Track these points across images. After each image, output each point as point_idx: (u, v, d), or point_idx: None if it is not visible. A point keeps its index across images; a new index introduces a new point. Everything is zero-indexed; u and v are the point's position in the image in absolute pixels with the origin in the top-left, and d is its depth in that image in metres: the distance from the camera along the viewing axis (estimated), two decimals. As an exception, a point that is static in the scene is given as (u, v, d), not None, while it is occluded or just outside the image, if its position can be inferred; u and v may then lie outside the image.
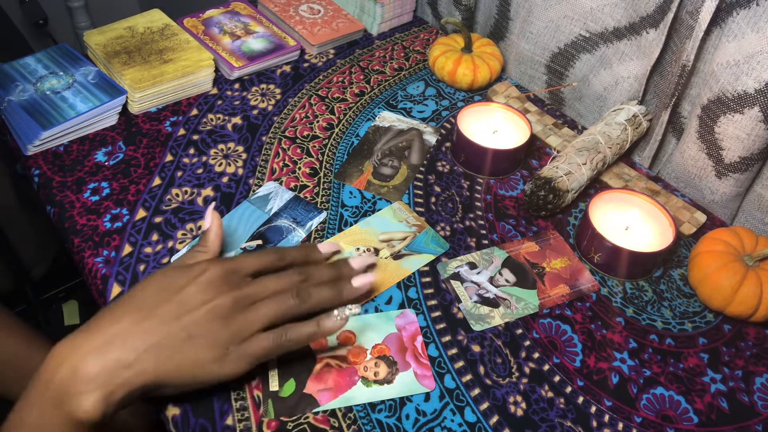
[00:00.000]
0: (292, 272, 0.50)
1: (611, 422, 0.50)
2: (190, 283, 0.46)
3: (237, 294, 0.46)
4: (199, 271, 0.46)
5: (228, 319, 0.45)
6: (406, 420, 0.48)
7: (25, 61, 0.73)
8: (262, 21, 0.85)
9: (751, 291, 0.55)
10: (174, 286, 0.45)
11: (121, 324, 0.43)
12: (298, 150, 0.70)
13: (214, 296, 0.45)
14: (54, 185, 0.63)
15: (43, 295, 1.21)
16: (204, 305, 0.45)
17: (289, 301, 0.47)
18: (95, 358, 0.41)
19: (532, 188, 0.63)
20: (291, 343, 0.46)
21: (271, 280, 0.48)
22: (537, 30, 0.78)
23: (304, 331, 0.47)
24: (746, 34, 0.57)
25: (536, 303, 0.57)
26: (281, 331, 0.46)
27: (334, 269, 0.52)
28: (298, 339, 0.46)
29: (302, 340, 0.47)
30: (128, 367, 0.41)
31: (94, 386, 0.40)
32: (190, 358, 0.43)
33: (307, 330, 0.47)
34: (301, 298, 0.48)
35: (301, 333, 0.47)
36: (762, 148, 0.61)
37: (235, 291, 0.46)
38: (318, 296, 0.49)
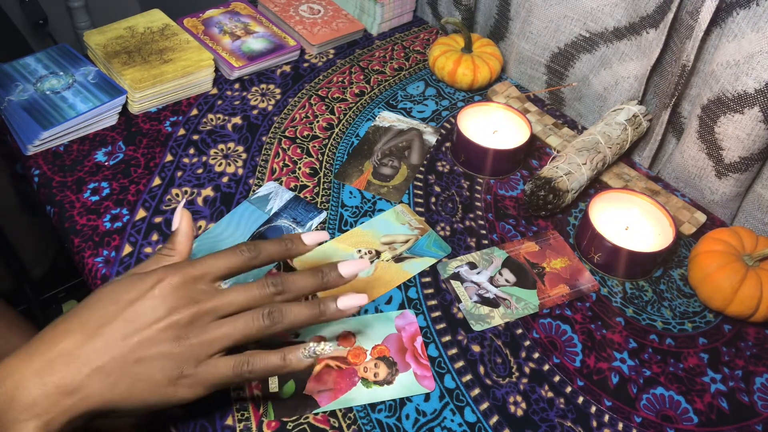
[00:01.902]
0: (264, 282, 0.43)
1: (611, 422, 0.50)
2: (142, 295, 0.40)
3: (196, 309, 0.40)
4: (153, 281, 0.41)
5: (183, 338, 0.40)
6: (406, 420, 0.48)
7: (25, 61, 0.73)
8: (262, 21, 0.85)
9: (751, 291, 0.55)
10: (124, 299, 0.40)
11: (64, 344, 0.38)
12: (298, 150, 0.70)
13: (169, 312, 0.40)
14: (54, 185, 0.63)
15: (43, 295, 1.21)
16: (157, 322, 0.40)
17: (258, 321, 0.41)
18: (33, 382, 0.37)
19: (532, 188, 0.63)
20: (252, 375, 0.41)
21: (239, 292, 0.42)
22: (537, 30, 0.78)
23: (269, 363, 0.42)
24: (746, 34, 0.57)
25: (536, 303, 0.57)
26: (243, 359, 0.41)
27: (318, 277, 0.45)
28: (260, 371, 0.41)
29: (265, 374, 0.42)
30: (70, 394, 0.37)
31: (31, 414, 0.37)
32: (140, 381, 0.39)
33: (272, 362, 0.42)
34: (272, 319, 0.42)
35: (266, 364, 0.41)
36: (762, 148, 0.61)
37: (193, 306, 0.40)
38: (293, 317, 0.43)
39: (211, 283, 0.42)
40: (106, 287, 0.41)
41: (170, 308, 0.40)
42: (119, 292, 0.41)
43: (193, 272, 0.42)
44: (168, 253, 0.44)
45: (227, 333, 0.41)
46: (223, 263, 0.43)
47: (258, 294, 0.43)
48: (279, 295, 0.43)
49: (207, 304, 0.41)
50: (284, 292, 0.43)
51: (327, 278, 0.45)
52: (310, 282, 0.45)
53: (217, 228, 0.60)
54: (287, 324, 0.42)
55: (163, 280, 0.41)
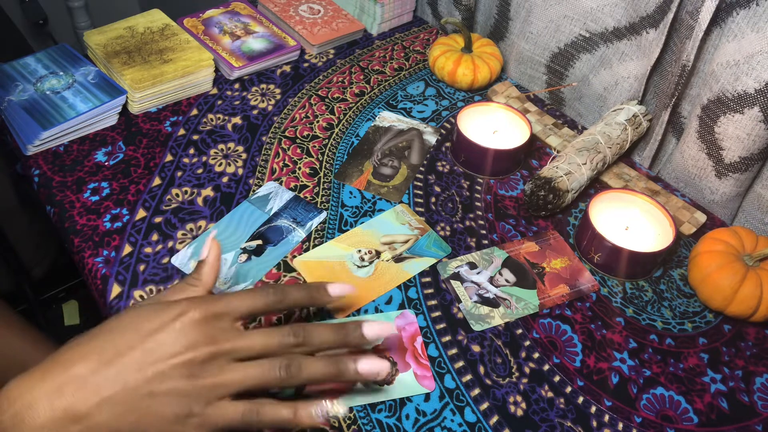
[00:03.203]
0: (287, 330, 0.42)
1: (611, 422, 0.50)
2: (163, 327, 0.40)
3: (214, 349, 0.40)
4: (176, 313, 0.40)
5: (198, 376, 0.39)
6: (406, 420, 0.48)
7: (25, 61, 0.73)
8: (262, 21, 0.85)
9: (751, 291, 0.55)
10: (145, 329, 0.40)
11: (78, 368, 0.38)
12: (298, 150, 0.70)
13: (187, 348, 0.39)
14: (54, 185, 0.63)
15: (43, 295, 1.21)
16: (173, 357, 0.39)
17: (274, 372, 0.41)
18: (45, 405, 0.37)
19: (532, 188, 0.63)
20: (261, 424, 0.41)
21: (259, 337, 0.42)
22: (537, 30, 0.78)
23: (278, 416, 0.41)
24: (746, 34, 0.57)
25: (536, 303, 0.57)
26: (253, 408, 0.40)
27: (341, 334, 0.44)
28: (269, 423, 0.41)
29: (273, 425, 0.41)
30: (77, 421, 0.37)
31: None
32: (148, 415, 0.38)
33: (282, 415, 0.41)
34: (289, 372, 0.41)
35: (275, 416, 0.41)
36: (762, 148, 0.61)
37: (212, 344, 0.40)
38: (311, 373, 0.42)
39: (232, 323, 0.42)
40: (129, 312, 0.41)
41: (188, 344, 0.39)
42: (141, 321, 0.40)
43: (216, 309, 0.41)
44: (193, 283, 0.44)
45: (241, 378, 0.40)
46: (247, 304, 0.42)
47: (278, 342, 0.42)
48: (298, 347, 0.42)
49: (226, 344, 0.40)
50: (304, 344, 0.43)
51: (349, 337, 0.44)
52: (332, 338, 0.44)
53: (217, 228, 0.60)
54: (303, 379, 0.42)
55: (186, 314, 0.40)
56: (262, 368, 0.41)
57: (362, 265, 0.59)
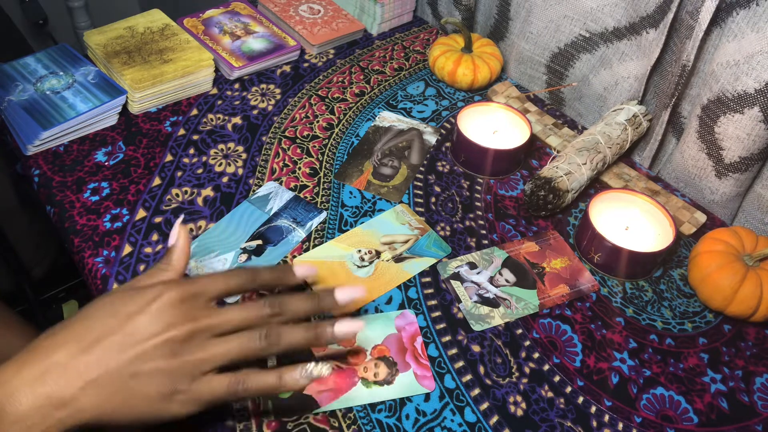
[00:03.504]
0: (262, 303, 0.43)
1: (611, 422, 0.50)
2: (141, 310, 0.40)
3: (193, 326, 0.40)
4: (152, 296, 0.40)
5: (180, 354, 0.40)
6: (406, 420, 0.48)
7: (25, 61, 0.73)
8: (262, 21, 0.85)
9: (751, 291, 0.55)
10: (122, 312, 0.40)
11: (58, 355, 0.38)
12: (298, 150, 0.70)
13: (166, 327, 0.40)
14: (54, 185, 0.63)
15: (43, 295, 1.21)
16: (154, 337, 0.39)
17: (254, 342, 0.41)
18: (25, 394, 0.37)
19: (532, 188, 0.63)
20: (247, 393, 0.41)
21: (236, 311, 0.42)
22: (537, 30, 0.78)
23: (264, 383, 0.41)
24: (746, 34, 0.57)
25: (536, 303, 0.57)
26: (238, 378, 0.41)
27: (313, 301, 0.45)
28: (255, 390, 0.41)
29: (259, 393, 0.42)
30: (62, 406, 0.37)
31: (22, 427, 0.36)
32: (134, 396, 0.39)
33: (268, 381, 0.42)
34: (269, 341, 0.42)
35: (261, 384, 0.41)
36: (762, 148, 0.61)
37: (191, 322, 0.40)
38: (290, 339, 0.42)
39: (208, 302, 0.42)
40: (104, 299, 0.41)
41: (167, 324, 0.40)
42: (117, 306, 0.40)
43: (191, 289, 0.42)
44: (164, 268, 0.44)
45: (223, 352, 0.41)
46: (220, 284, 0.43)
47: (255, 314, 0.42)
48: (275, 317, 0.43)
49: (204, 321, 0.41)
50: (281, 313, 0.43)
51: (323, 303, 0.45)
52: (306, 305, 0.45)
53: (217, 228, 0.60)
54: (283, 346, 0.42)
55: (162, 296, 0.40)
56: (241, 340, 0.41)
57: (362, 265, 0.59)
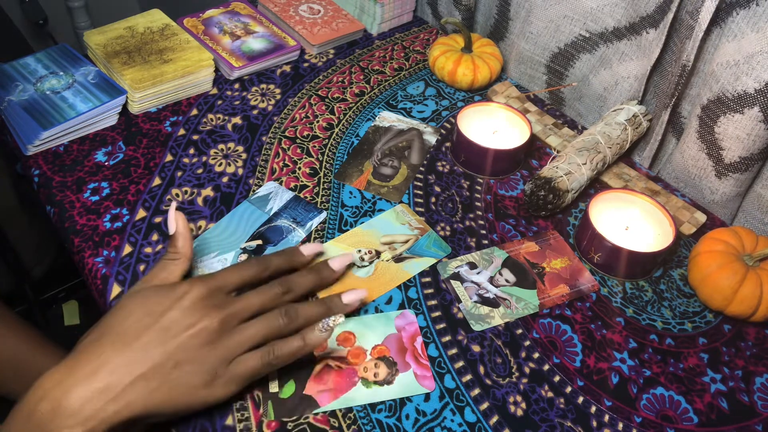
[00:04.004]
0: (273, 284, 0.48)
1: (611, 422, 0.50)
2: (172, 306, 0.44)
3: (222, 315, 0.45)
4: (181, 292, 0.45)
5: (215, 342, 0.44)
6: (406, 420, 0.48)
7: (25, 61, 0.73)
8: (262, 21, 0.85)
9: (751, 291, 0.55)
10: (156, 310, 0.44)
11: (105, 354, 0.41)
12: (298, 150, 0.70)
13: (199, 319, 0.44)
14: (54, 185, 0.63)
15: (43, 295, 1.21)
16: (189, 329, 0.43)
17: (278, 320, 0.46)
18: (78, 391, 0.39)
19: (532, 188, 0.63)
20: (279, 360, 0.45)
21: (254, 296, 0.47)
22: (537, 30, 0.78)
23: (291, 347, 0.46)
24: (746, 34, 0.57)
25: (536, 303, 0.57)
26: (268, 349, 0.45)
27: (315, 275, 0.52)
28: (285, 355, 0.46)
29: (290, 356, 0.46)
30: (114, 400, 0.40)
31: (76, 421, 0.39)
32: (179, 386, 0.42)
33: (294, 345, 0.46)
34: (289, 317, 0.47)
35: (289, 349, 0.46)
36: (762, 148, 0.61)
37: (220, 312, 0.45)
38: (306, 314, 0.48)
39: (229, 293, 0.47)
40: (135, 299, 0.45)
41: (199, 316, 0.44)
42: (150, 304, 0.44)
43: (214, 284, 0.46)
44: (173, 257, 0.48)
45: (252, 333, 0.45)
46: (237, 276, 0.48)
47: (269, 295, 0.48)
48: (286, 294, 0.49)
49: (230, 309, 0.45)
50: (290, 290, 0.49)
51: (322, 274, 0.53)
52: (309, 279, 0.51)
53: (217, 228, 0.60)
54: (302, 320, 0.47)
55: (190, 292, 0.45)
56: (266, 320, 0.46)
57: (362, 264, 0.59)
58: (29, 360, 0.71)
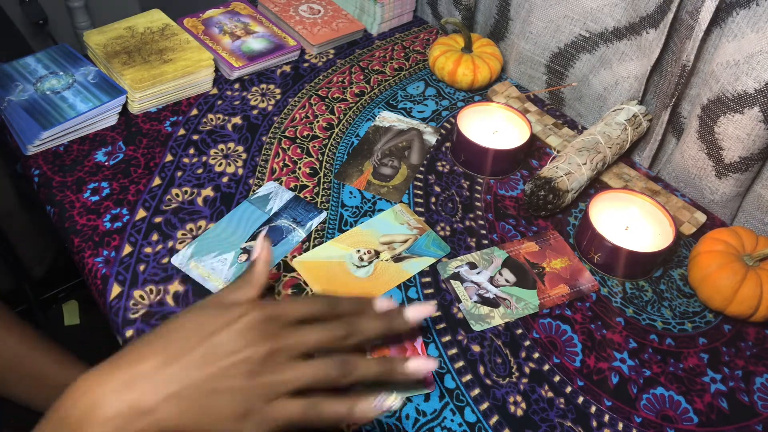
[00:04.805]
0: (337, 324, 0.44)
1: (611, 422, 0.50)
2: (224, 327, 0.41)
3: (273, 346, 0.41)
4: (237, 314, 0.42)
5: (258, 374, 0.41)
6: (406, 420, 0.48)
7: (25, 61, 0.73)
8: (262, 21, 0.85)
9: (751, 291, 0.55)
10: (207, 329, 0.41)
11: (145, 365, 0.40)
12: (298, 150, 0.70)
13: (247, 346, 0.41)
14: (54, 185, 0.63)
15: (43, 295, 1.21)
16: (234, 355, 0.41)
17: (330, 371, 0.42)
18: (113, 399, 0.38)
19: (532, 188, 0.63)
20: (320, 420, 0.42)
21: (312, 332, 0.43)
22: (537, 30, 0.78)
23: (337, 411, 0.42)
24: (746, 34, 0.57)
25: (536, 303, 0.57)
26: (313, 404, 0.42)
27: (385, 321, 0.46)
28: (328, 417, 0.42)
29: (332, 420, 0.42)
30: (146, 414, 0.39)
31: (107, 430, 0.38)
32: (209, 412, 0.40)
33: (340, 410, 0.42)
34: (344, 371, 0.43)
35: (333, 412, 0.42)
36: (762, 148, 0.61)
37: (271, 342, 0.42)
38: (364, 371, 0.44)
39: (287, 324, 0.43)
40: (188, 314, 0.43)
41: (248, 342, 0.41)
42: (203, 322, 0.42)
43: (275, 312, 0.43)
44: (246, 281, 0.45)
45: (299, 375, 0.42)
46: (302, 309, 0.44)
47: (329, 335, 0.44)
48: (349, 338, 0.44)
49: (282, 341, 0.42)
50: (353, 335, 0.45)
51: (393, 323, 0.47)
52: (378, 326, 0.46)
53: (217, 228, 0.60)
54: (357, 377, 0.43)
55: (246, 316, 0.42)
56: (318, 365, 0.42)
57: (361, 265, 0.59)
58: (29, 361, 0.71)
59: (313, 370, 0.42)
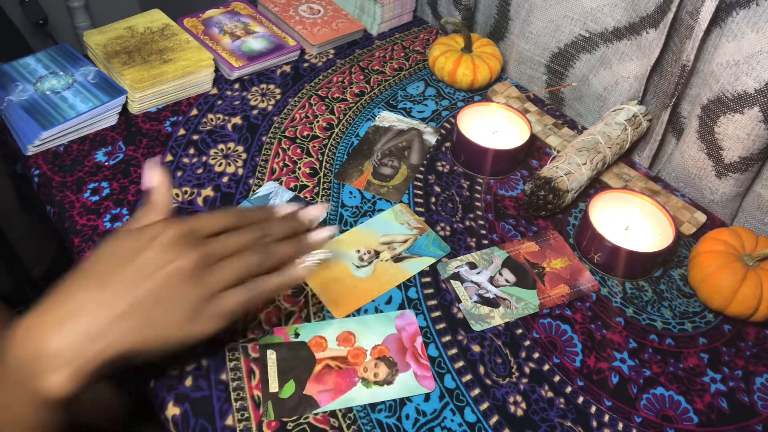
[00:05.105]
0: (249, 229, 0.47)
1: (611, 422, 0.50)
2: (147, 246, 0.42)
3: (198, 253, 0.43)
4: (155, 232, 0.43)
5: (194, 278, 0.42)
6: (406, 420, 0.48)
7: (25, 61, 0.73)
8: (262, 21, 0.85)
9: (751, 291, 0.55)
10: (130, 250, 0.42)
11: (81, 294, 0.41)
12: (298, 150, 0.70)
13: (176, 257, 0.42)
14: (54, 185, 0.63)
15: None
16: (165, 267, 0.42)
17: (252, 257, 0.45)
18: (60, 332, 0.39)
19: (532, 188, 0.63)
20: (262, 294, 0.45)
21: (230, 238, 0.46)
22: (537, 30, 0.78)
23: (273, 281, 0.46)
24: (746, 34, 0.57)
25: (536, 303, 0.57)
26: (251, 285, 0.45)
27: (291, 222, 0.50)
28: (268, 288, 0.45)
29: (272, 289, 0.46)
30: (97, 340, 0.39)
31: (61, 362, 0.38)
32: (160, 322, 0.41)
33: (276, 279, 0.46)
34: (263, 254, 0.46)
35: (271, 282, 0.45)
36: (762, 148, 0.61)
37: (196, 251, 0.43)
38: (279, 251, 0.47)
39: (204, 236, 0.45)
40: (107, 243, 0.43)
41: (175, 254, 0.42)
42: (124, 247, 0.43)
43: (189, 225, 0.44)
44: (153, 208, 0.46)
45: (230, 270, 0.44)
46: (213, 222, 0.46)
47: (245, 238, 0.46)
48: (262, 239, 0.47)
49: (206, 248, 0.44)
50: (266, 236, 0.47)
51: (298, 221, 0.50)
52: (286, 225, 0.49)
53: (217, 228, 0.60)
54: (277, 257, 0.46)
55: (165, 231, 0.43)
56: (242, 257, 0.45)
57: (361, 265, 0.59)
58: None
59: (240, 261, 0.44)
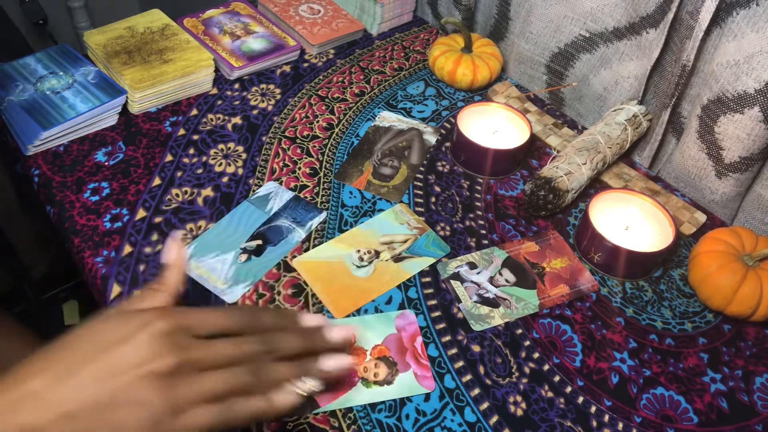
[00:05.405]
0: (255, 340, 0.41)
1: (611, 422, 0.50)
2: (126, 338, 0.37)
3: (180, 357, 0.37)
4: (140, 323, 0.38)
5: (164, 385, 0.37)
6: (406, 420, 0.48)
7: (25, 61, 0.73)
8: (262, 21, 0.85)
9: (751, 291, 0.55)
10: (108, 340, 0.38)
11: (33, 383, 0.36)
12: (298, 150, 0.70)
13: (152, 358, 0.37)
14: (54, 185, 0.63)
15: (43, 295, 1.21)
16: (138, 368, 0.36)
17: (241, 378, 0.39)
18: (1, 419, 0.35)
19: (532, 188, 0.63)
20: (237, 420, 0.39)
21: (226, 347, 0.40)
22: (537, 30, 0.78)
23: (253, 407, 0.39)
24: (746, 34, 0.57)
25: (536, 303, 0.57)
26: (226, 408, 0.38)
27: (306, 339, 0.43)
28: (245, 416, 0.39)
29: (249, 418, 0.39)
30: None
31: None
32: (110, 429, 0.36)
33: (257, 405, 0.40)
34: (257, 377, 0.40)
35: (250, 409, 0.39)
36: (762, 148, 0.61)
37: (178, 354, 0.37)
38: (277, 375, 0.41)
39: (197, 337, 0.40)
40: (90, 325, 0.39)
41: (154, 354, 0.37)
42: (101, 332, 0.38)
43: (184, 321, 0.39)
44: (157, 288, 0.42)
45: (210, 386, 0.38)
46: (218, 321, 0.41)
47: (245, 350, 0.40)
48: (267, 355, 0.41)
49: (191, 353, 0.38)
50: (272, 351, 0.42)
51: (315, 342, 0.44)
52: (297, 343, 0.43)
53: (217, 228, 0.60)
54: (272, 382, 0.41)
55: (150, 325, 0.38)
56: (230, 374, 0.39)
57: (361, 265, 0.59)
58: None
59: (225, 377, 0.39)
